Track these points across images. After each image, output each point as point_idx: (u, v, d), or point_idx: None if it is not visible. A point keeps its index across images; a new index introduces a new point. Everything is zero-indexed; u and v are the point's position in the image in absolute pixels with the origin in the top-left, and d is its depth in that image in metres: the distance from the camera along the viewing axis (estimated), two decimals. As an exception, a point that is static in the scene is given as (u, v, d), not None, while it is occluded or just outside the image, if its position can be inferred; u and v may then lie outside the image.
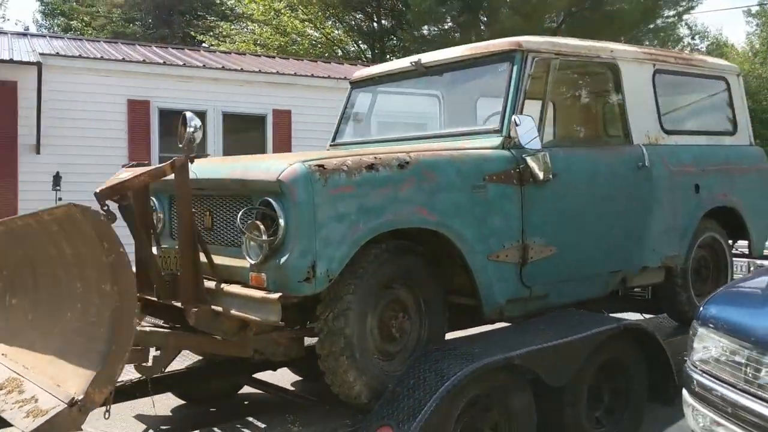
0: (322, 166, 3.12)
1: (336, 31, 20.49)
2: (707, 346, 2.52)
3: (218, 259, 3.41)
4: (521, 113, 3.85)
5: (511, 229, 3.78)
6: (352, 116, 5.08)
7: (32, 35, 13.31)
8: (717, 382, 2.37)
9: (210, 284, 3.33)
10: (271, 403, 4.23)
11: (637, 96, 4.59)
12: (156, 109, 10.44)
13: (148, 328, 3.33)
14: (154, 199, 3.93)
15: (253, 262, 3.16)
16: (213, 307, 3.27)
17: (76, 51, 10.69)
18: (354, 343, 3.20)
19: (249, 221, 3.17)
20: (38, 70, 9.34)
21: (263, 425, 3.38)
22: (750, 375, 2.23)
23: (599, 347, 3.68)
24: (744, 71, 29.22)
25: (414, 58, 4.57)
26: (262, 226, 3.11)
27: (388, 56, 18.85)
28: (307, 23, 19.87)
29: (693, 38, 32.95)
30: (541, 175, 3.80)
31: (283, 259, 3.04)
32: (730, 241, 5.33)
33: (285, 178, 3.06)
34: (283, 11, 19.21)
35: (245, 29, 21.94)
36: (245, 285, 3.22)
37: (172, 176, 3.26)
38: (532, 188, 3.85)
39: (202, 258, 3.32)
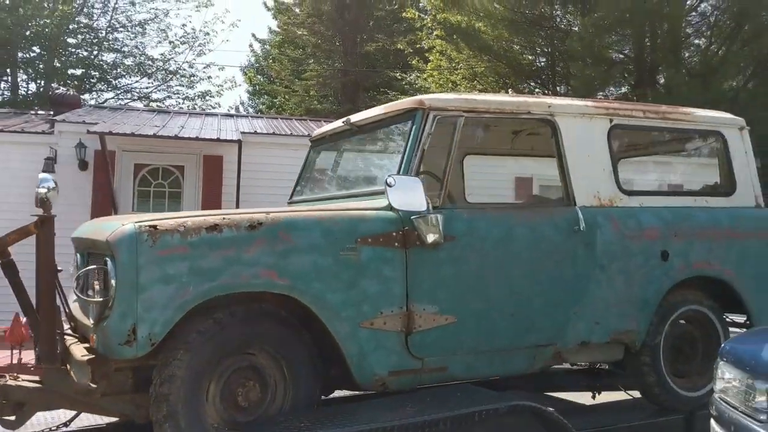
0: (154, 226, 3.13)
1: None
2: (722, 376, 2.95)
3: (83, 318, 3.49)
4: (416, 173, 3.67)
5: (390, 295, 3.55)
6: (309, 174, 5.06)
7: (237, 116, 15.68)
8: (728, 406, 2.78)
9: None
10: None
11: (582, 153, 4.22)
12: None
13: (12, 383, 3.44)
14: (78, 255, 4.10)
15: (90, 323, 3.20)
16: (63, 366, 3.33)
17: (270, 129, 12.54)
18: (178, 411, 3.11)
19: (90, 281, 3.23)
20: (239, 146, 10.85)
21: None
22: (746, 399, 2.62)
23: (474, 427, 3.32)
24: None
25: (349, 117, 4.52)
26: (96, 287, 3.15)
27: None
28: (482, 93, 20.53)
29: None
30: (429, 238, 3.56)
31: (106, 321, 3.06)
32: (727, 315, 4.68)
33: (112, 239, 3.10)
34: (459, 82, 19.92)
35: None
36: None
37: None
38: (420, 252, 3.61)
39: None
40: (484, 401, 3.45)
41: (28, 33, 22.01)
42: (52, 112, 12.33)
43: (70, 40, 23.84)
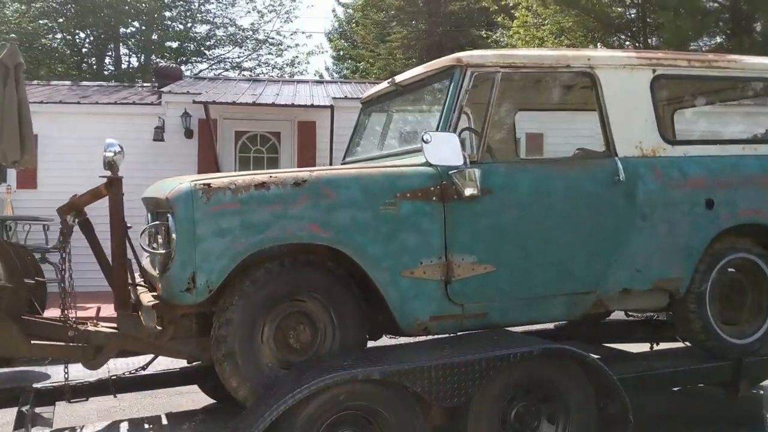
0: (208, 184, 3.44)
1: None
2: None
3: (151, 270, 3.87)
4: (454, 129, 3.84)
5: (429, 247, 3.75)
6: (361, 135, 5.28)
7: (327, 82, 16.15)
8: None
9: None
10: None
11: (623, 105, 4.25)
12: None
13: (92, 329, 3.86)
14: (148, 214, 4.49)
15: (156, 274, 3.56)
16: (136, 313, 3.72)
17: (360, 93, 12.69)
18: (236, 351, 3.44)
19: (155, 236, 3.58)
20: (331, 111, 11.23)
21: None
22: None
23: (511, 369, 3.52)
24: None
25: (394, 77, 4.70)
26: (160, 240, 3.50)
27: None
28: (570, 48, 20.36)
29: None
30: (466, 191, 3.74)
31: (169, 271, 3.40)
32: None
33: (171, 196, 3.42)
34: (546, 38, 19.75)
35: None
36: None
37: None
38: (458, 205, 3.79)
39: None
40: (519, 345, 3.62)
41: (127, 8, 23.39)
42: (157, 85, 13.06)
43: (166, 14, 25.32)
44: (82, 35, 24.59)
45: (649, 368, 4.33)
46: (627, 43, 18.60)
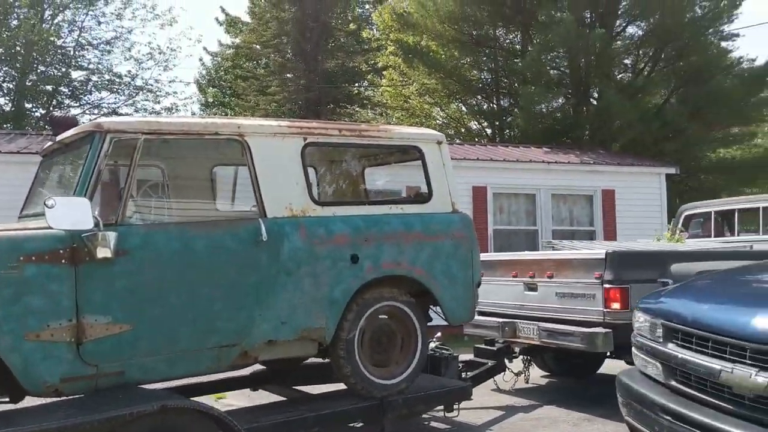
0: None
1: (460, 113, 22.83)
2: (638, 319, 4.06)
3: None
4: (89, 195, 3.93)
5: (58, 309, 3.81)
6: (36, 188, 5.17)
7: None
8: (642, 338, 3.96)
9: None
10: None
11: (274, 170, 4.60)
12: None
13: None
14: None
15: None
16: None
17: None
18: None
19: None
20: None
21: None
22: (652, 331, 3.82)
23: (132, 427, 3.63)
24: None
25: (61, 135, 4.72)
26: None
27: (506, 132, 20.72)
28: (433, 105, 22.34)
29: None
30: (99, 253, 3.85)
31: None
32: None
33: None
34: (411, 97, 22.05)
35: (382, 115, 26.04)
36: None
37: None
38: (91, 267, 3.89)
39: None
40: (141, 402, 3.76)
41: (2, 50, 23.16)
42: (51, 134, 11.98)
43: (40, 59, 25.05)
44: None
45: (296, 413, 4.62)
46: (484, 104, 21.22)
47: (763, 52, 56.59)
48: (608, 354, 6.64)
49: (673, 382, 3.57)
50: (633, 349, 4.11)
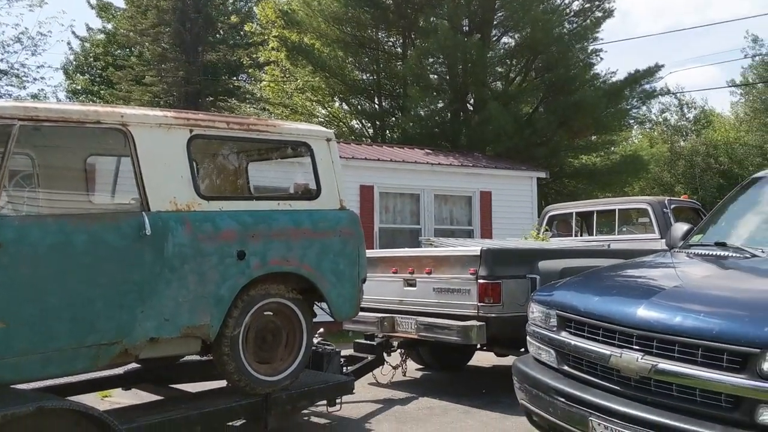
0: None
1: (342, 112, 22.90)
2: (533, 310, 4.29)
3: None
4: None
5: None
6: None
7: None
8: (536, 327, 4.20)
9: None
10: None
11: (158, 162, 4.47)
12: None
13: None
14: None
15: None
16: None
17: None
18: None
19: None
20: None
21: None
22: (546, 321, 4.09)
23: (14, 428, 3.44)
24: (731, 139, 30.76)
25: None
26: None
27: (386, 133, 20.85)
28: (315, 103, 22.29)
29: (682, 110, 36.67)
30: (-32, 246, 3.61)
31: None
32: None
33: None
34: (294, 93, 22.04)
35: (263, 110, 25.62)
36: None
37: None
38: (-39, 261, 3.65)
39: None
40: (12, 403, 3.56)
41: None
42: None
43: None
44: None
45: (180, 412, 4.54)
46: (366, 104, 21.47)
47: (623, 66, 61.19)
48: (478, 346, 6.98)
49: (566, 367, 3.83)
50: (527, 337, 4.37)
